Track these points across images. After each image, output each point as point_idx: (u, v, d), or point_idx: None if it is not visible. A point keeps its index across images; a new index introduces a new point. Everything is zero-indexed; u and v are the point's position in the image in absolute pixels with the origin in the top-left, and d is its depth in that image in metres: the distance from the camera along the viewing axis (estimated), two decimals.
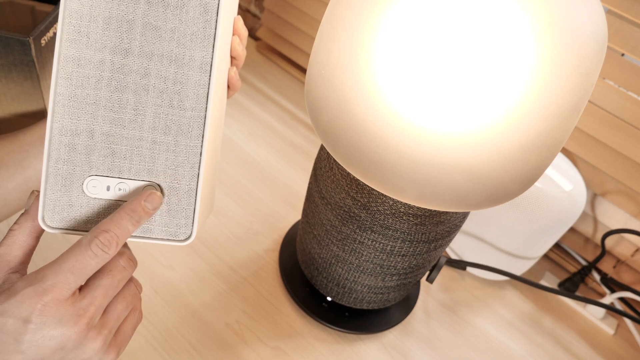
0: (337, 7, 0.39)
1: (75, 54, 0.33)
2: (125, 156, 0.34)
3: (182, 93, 0.34)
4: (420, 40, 0.33)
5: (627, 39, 0.59)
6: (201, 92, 0.34)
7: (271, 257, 0.65)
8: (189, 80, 0.34)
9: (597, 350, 0.66)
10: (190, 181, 0.35)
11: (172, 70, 0.34)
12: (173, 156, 0.35)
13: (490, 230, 0.64)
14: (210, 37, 0.34)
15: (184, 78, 0.34)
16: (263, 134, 0.82)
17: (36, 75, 0.54)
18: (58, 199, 0.34)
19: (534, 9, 0.32)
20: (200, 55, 0.34)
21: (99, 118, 0.34)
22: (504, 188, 0.39)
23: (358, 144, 0.38)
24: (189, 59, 0.34)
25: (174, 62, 0.34)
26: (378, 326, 0.60)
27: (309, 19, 0.87)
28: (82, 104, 0.33)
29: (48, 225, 0.35)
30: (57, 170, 0.34)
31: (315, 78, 0.41)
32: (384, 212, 0.46)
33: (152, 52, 0.33)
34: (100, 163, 0.34)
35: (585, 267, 0.71)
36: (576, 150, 0.68)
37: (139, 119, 0.34)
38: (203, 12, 0.33)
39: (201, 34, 0.34)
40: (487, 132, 0.35)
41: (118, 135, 0.34)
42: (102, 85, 0.33)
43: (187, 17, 0.33)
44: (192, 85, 0.34)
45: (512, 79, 0.33)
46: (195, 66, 0.34)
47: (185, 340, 0.54)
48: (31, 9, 0.63)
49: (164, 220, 0.36)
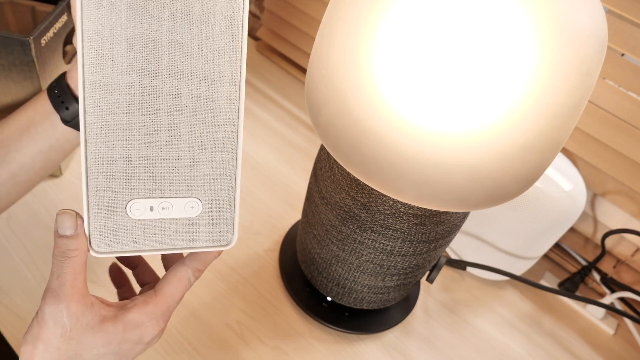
0: (337, 7, 0.39)
1: (101, 79, 0.32)
2: (165, 177, 0.34)
3: (215, 110, 0.34)
4: (420, 40, 0.33)
5: (627, 39, 0.59)
6: (233, 107, 0.34)
7: (271, 257, 0.65)
8: (220, 97, 0.34)
9: (597, 350, 0.66)
10: (229, 192, 0.36)
11: (204, 88, 0.33)
12: (211, 171, 0.35)
13: (490, 230, 0.64)
14: (238, 51, 0.33)
15: (215, 95, 0.34)
16: (263, 134, 0.82)
17: (36, 75, 0.54)
18: (103, 225, 0.34)
19: (534, 8, 0.32)
20: (230, 70, 0.33)
21: (134, 143, 0.33)
22: (504, 188, 0.39)
23: (358, 143, 0.38)
24: (218, 74, 0.33)
25: (204, 79, 0.33)
26: (378, 326, 0.60)
27: (309, 19, 0.87)
28: (115, 130, 0.33)
29: (97, 252, 0.34)
30: (99, 199, 0.33)
31: (316, 78, 0.41)
32: (384, 212, 0.46)
33: (182, 71, 0.33)
34: (141, 186, 0.34)
35: (585, 267, 0.71)
36: (576, 150, 0.68)
37: (175, 139, 0.34)
38: (229, 26, 0.33)
39: (228, 48, 0.33)
40: (487, 132, 0.35)
41: (156, 158, 0.34)
42: (134, 110, 0.33)
43: (214, 32, 0.33)
44: (224, 101, 0.34)
45: (512, 79, 0.33)
46: (226, 82, 0.34)
47: (185, 340, 0.54)
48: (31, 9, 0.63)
49: (207, 229, 0.36)
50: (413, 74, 0.34)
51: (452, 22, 0.33)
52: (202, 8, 0.32)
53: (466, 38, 0.32)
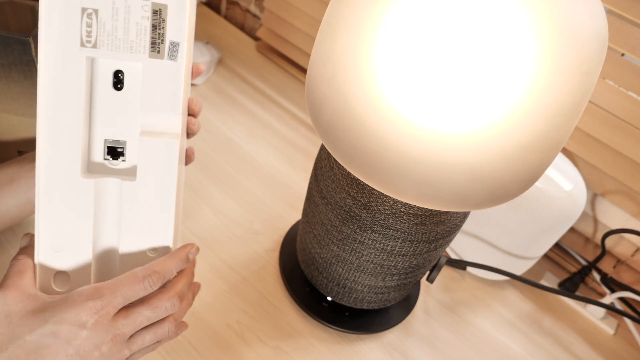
0: (338, 7, 0.39)
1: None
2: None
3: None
4: (421, 40, 0.34)
5: (627, 39, 0.59)
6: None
7: (271, 257, 0.65)
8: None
9: (597, 350, 0.66)
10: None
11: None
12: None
13: (490, 230, 0.64)
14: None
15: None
16: (263, 134, 0.82)
17: (36, 75, 0.54)
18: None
19: (534, 8, 0.32)
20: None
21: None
22: (505, 188, 0.39)
23: (359, 143, 0.38)
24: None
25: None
26: (378, 326, 0.60)
27: (309, 19, 0.87)
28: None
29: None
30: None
31: (316, 77, 0.41)
32: (384, 211, 0.46)
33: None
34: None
35: (585, 267, 0.71)
36: (576, 150, 0.68)
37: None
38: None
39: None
40: (487, 132, 0.35)
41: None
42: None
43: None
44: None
45: (512, 79, 0.33)
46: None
47: (185, 340, 0.54)
48: (31, 8, 0.63)
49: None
50: (414, 73, 0.34)
51: (452, 21, 0.33)
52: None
53: (467, 38, 0.32)
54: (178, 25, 0.36)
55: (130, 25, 0.35)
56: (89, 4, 0.34)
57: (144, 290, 0.38)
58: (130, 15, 0.35)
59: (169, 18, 0.35)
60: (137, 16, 0.35)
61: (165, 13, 0.35)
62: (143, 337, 0.39)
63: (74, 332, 0.35)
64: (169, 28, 0.36)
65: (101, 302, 0.36)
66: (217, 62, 0.91)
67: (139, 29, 0.35)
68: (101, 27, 0.35)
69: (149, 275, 0.38)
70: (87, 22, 0.34)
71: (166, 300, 0.39)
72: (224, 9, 1.08)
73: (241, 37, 1.02)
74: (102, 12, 0.34)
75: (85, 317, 0.35)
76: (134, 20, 0.35)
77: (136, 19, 0.35)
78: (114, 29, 0.35)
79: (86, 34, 0.35)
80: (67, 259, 0.39)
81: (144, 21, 0.35)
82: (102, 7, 0.34)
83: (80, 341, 0.35)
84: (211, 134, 0.79)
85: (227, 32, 1.02)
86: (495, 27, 0.32)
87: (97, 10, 0.34)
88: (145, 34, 0.35)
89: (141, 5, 0.35)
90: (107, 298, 0.36)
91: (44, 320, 0.35)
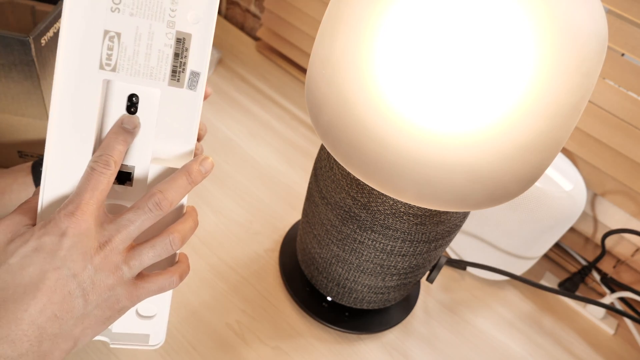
0: (337, 7, 0.39)
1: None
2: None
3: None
4: (421, 40, 0.34)
5: (627, 39, 0.59)
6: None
7: (271, 257, 0.65)
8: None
9: (597, 350, 0.66)
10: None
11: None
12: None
13: (490, 230, 0.64)
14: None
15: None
16: (263, 134, 0.82)
17: (36, 75, 0.54)
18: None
19: (534, 8, 0.32)
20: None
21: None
22: (504, 188, 0.39)
23: (358, 143, 0.38)
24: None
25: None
26: (378, 326, 0.60)
27: (309, 19, 0.87)
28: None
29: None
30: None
31: (316, 77, 0.41)
32: (384, 211, 0.46)
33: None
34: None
35: (585, 267, 0.71)
36: (576, 150, 0.68)
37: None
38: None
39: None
40: (487, 132, 0.35)
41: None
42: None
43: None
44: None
45: (512, 79, 0.33)
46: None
47: (185, 340, 0.54)
48: (31, 8, 0.63)
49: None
50: (414, 73, 0.34)
51: (452, 21, 0.33)
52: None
53: (467, 38, 0.32)
54: (200, 55, 0.36)
55: (152, 51, 0.35)
56: (112, 27, 0.34)
57: (148, 211, 0.35)
58: (153, 41, 0.34)
59: (192, 47, 0.35)
60: (160, 43, 0.35)
61: (189, 42, 0.35)
62: (140, 252, 0.36)
63: (55, 241, 0.33)
64: (190, 57, 0.35)
65: (72, 205, 0.34)
66: (217, 62, 0.91)
67: (161, 56, 0.35)
68: (122, 51, 0.34)
69: (153, 195, 0.35)
70: (108, 45, 0.34)
71: (147, 199, 0.35)
72: (224, 9, 1.08)
73: (241, 37, 1.02)
74: (125, 36, 0.34)
75: (62, 224, 0.33)
76: (156, 47, 0.35)
77: (159, 46, 0.35)
78: (135, 54, 0.34)
79: (106, 57, 0.34)
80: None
81: (166, 49, 0.35)
82: (125, 31, 0.34)
83: (65, 252, 0.33)
84: (211, 134, 0.79)
85: (227, 32, 1.02)
86: (495, 27, 0.32)
87: (119, 34, 0.34)
88: (166, 61, 0.35)
89: (165, 32, 0.34)
90: (76, 200, 0.34)
91: (24, 241, 0.33)
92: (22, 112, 0.57)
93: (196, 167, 0.37)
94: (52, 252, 0.33)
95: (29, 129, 0.59)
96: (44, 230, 0.33)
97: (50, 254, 0.33)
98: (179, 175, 0.37)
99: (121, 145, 0.36)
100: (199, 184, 0.66)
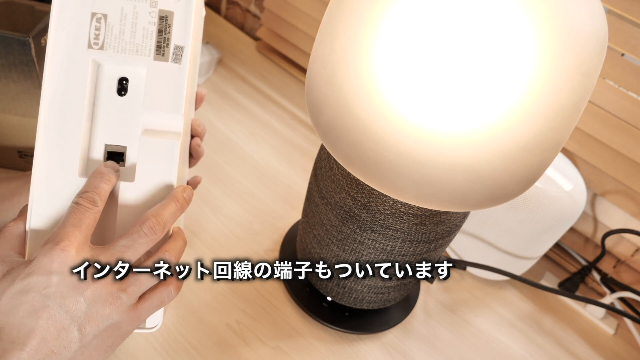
0: (337, 7, 0.39)
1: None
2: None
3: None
4: (421, 40, 0.34)
5: (627, 39, 0.59)
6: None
7: (271, 257, 0.65)
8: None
9: (597, 350, 0.66)
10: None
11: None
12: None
13: (490, 230, 0.64)
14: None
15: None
16: (263, 134, 0.82)
17: (36, 75, 0.54)
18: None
19: (534, 8, 0.32)
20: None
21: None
22: (504, 188, 0.39)
23: (358, 143, 0.38)
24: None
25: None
26: (378, 326, 0.60)
27: (309, 19, 0.87)
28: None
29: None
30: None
31: (316, 77, 0.41)
32: (384, 212, 0.46)
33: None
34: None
35: (585, 267, 0.71)
36: (576, 150, 0.68)
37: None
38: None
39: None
40: (487, 132, 0.35)
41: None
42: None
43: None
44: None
45: (512, 79, 0.33)
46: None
47: (185, 340, 0.54)
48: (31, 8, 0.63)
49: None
50: (414, 73, 0.34)
51: (452, 21, 0.33)
52: None
53: (466, 38, 0.32)
54: (183, 30, 0.37)
55: (137, 29, 0.37)
56: (98, 9, 0.36)
57: (144, 235, 0.35)
58: (137, 20, 0.37)
59: (174, 24, 0.37)
60: (144, 21, 0.37)
61: (172, 19, 0.37)
62: (136, 277, 0.35)
63: (43, 280, 0.33)
64: (174, 33, 0.37)
65: (57, 239, 0.33)
66: (217, 62, 0.91)
67: (145, 33, 0.37)
68: (109, 30, 0.36)
69: (147, 220, 0.36)
70: (95, 26, 0.36)
71: (140, 225, 0.35)
72: (224, 9, 1.08)
73: (241, 37, 1.02)
74: (111, 17, 0.36)
75: (48, 261, 0.33)
76: (141, 25, 0.37)
77: (143, 24, 0.37)
78: (121, 33, 0.37)
79: (94, 37, 0.36)
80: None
81: (150, 26, 0.37)
82: (111, 13, 0.36)
83: (54, 288, 0.33)
84: (211, 134, 0.79)
85: (227, 32, 1.02)
86: (495, 27, 0.32)
87: (106, 15, 0.36)
88: (151, 37, 0.37)
89: (149, 11, 0.36)
90: (61, 233, 0.34)
91: (11, 280, 0.33)
92: (22, 112, 0.57)
93: (181, 196, 0.38)
94: (41, 291, 0.33)
95: (29, 129, 0.59)
96: (29, 268, 0.33)
97: (39, 293, 0.33)
98: (167, 202, 0.38)
99: (106, 185, 0.36)
100: (201, 183, 0.66)
